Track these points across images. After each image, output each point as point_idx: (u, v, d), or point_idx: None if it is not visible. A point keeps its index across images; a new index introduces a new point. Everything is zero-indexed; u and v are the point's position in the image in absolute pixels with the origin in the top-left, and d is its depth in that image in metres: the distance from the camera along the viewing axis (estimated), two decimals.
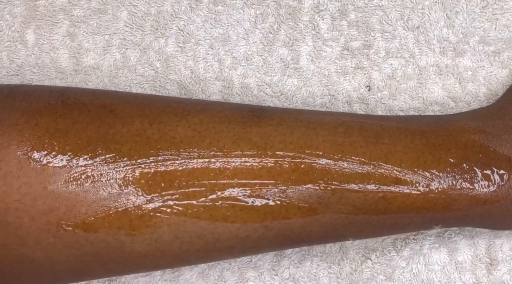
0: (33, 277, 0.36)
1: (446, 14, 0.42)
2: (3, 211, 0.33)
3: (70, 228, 0.34)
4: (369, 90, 0.42)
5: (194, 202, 0.34)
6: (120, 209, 0.34)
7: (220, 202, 0.34)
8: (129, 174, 0.34)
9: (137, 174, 0.34)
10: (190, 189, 0.34)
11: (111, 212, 0.34)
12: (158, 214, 0.34)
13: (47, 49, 0.42)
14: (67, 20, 0.42)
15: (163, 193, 0.34)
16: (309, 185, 0.35)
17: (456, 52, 0.41)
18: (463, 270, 0.40)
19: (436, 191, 0.35)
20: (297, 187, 0.35)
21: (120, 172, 0.34)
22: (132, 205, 0.34)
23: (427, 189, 0.35)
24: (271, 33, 0.42)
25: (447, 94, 0.41)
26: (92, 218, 0.34)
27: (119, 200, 0.34)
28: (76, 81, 0.42)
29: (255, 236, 0.35)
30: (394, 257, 0.40)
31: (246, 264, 0.41)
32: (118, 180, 0.34)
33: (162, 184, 0.34)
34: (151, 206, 0.34)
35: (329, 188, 0.35)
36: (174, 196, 0.34)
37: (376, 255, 0.40)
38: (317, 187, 0.35)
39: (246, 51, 0.42)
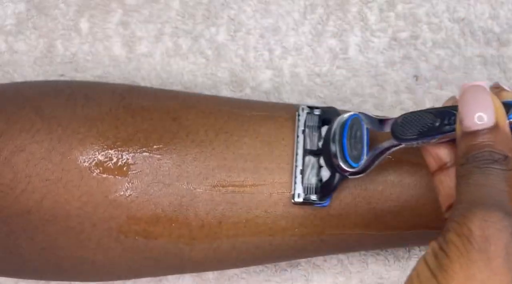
0: (93, 275, 0.36)
1: (491, 5, 0.43)
2: (65, 217, 0.33)
3: (131, 235, 0.34)
4: (416, 80, 0.42)
5: (256, 215, 0.34)
6: (181, 219, 0.34)
7: (280, 216, 0.34)
8: (191, 186, 0.34)
9: (200, 186, 0.34)
10: (254, 203, 0.34)
11: (172, 222, 0.34)
12: (218, 226, 0.34)
13: (100, 37, 0.42)
14: (120, 9, 0.42)
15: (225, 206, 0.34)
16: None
17: (500, 43, 0.42)
18: None
19: None
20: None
21: (182, 184, 0.34)
22: (193, 216, 0.34)
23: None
24: (320, 24, 0.43)
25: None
26: (153, 227, 0.33)
27: (180, 211, 0.34)
28: (129, 68, 0.42)
29: (311, 248, 0.35)
30: None
31: None
32: (180, 191, 0.34)
33: (225, 197, 0.34)
34: (211, 217, 0.34)
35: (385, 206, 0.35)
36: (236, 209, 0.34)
37: None
38: (372, 206, 0.35)
39: (296, 41, 0.43)
